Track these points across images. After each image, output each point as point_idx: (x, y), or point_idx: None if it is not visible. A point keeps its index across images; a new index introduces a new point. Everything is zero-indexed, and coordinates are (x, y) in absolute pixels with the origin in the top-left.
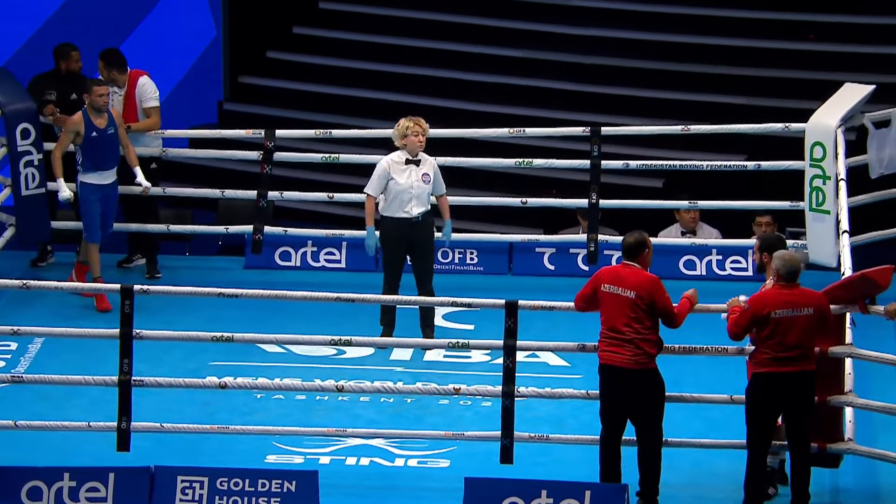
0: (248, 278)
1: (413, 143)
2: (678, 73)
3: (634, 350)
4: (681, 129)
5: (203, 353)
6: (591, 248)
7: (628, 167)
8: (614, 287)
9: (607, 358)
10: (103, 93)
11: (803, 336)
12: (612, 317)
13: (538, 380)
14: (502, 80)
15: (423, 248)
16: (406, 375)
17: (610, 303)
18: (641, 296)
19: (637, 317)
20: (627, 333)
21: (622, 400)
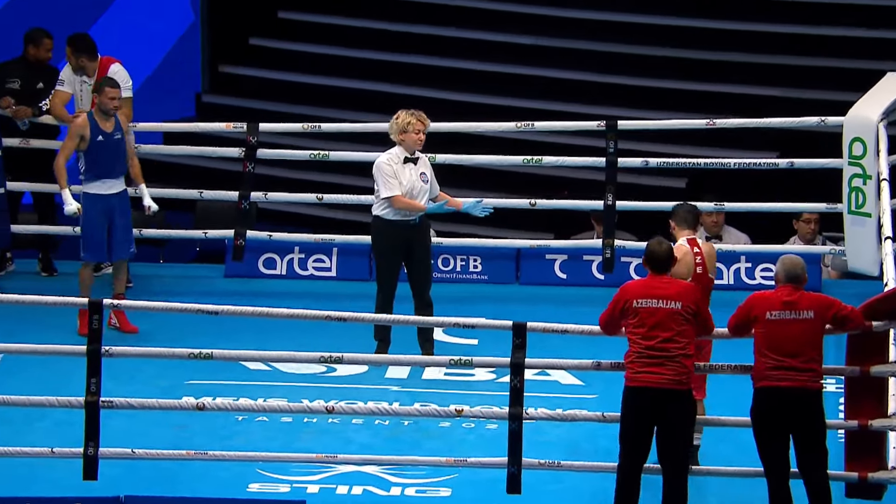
0: (228, 288)
1: (413, 140)
2: (702, 61)
3: (678, 368)
4: (706, 123)
5: (179, 371)
6: (607, 254)
7: (648, 165)
8: (652, 300)
9: (644, 380)
10: (115, 95)
11: (804, 345)
12: (651, 333)
13: (549, 400)
14: (508, 70)
15: (421, 255)
16: (403, 395)
17: (648, 318)
18: (688, 305)
19: (683, 330)
20: (672, 350)
21: (656, 424)
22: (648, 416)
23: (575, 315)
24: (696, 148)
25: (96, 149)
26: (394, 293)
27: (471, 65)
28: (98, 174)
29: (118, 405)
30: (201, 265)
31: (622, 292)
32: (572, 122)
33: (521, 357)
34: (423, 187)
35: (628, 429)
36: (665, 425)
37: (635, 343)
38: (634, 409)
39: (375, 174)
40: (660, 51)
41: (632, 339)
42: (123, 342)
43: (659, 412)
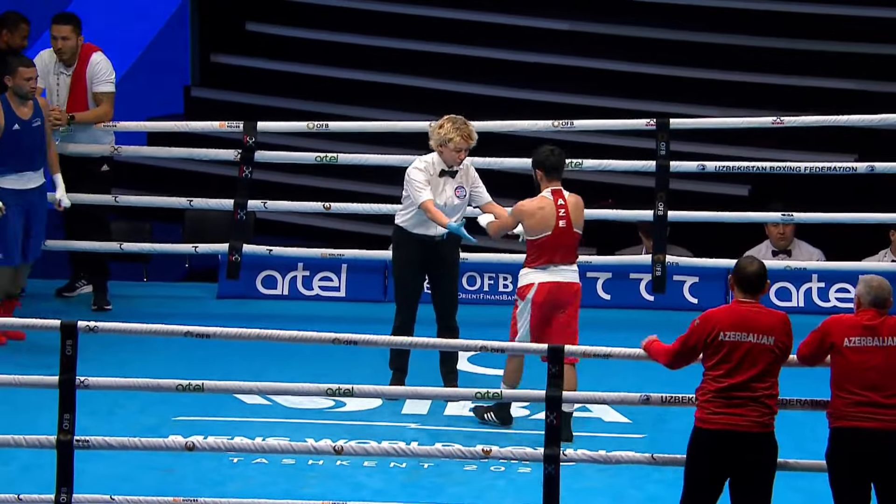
0: (222, 310)
1: (451, 158)
2: (769, 49)
3: (761, 410)
4: (772, 121)
5: (165, 406)
6: (658, 272)
7: (704, 170)
8: (742, 334)
9: (722, 422)
10: (31, 76)
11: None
12: (735, 370)
13: (590, 440)
14: (543, 60)
15: (447, 273)
16: (422, 434)
17: (734, 352)
18: (781, 340)
19: (772, 370)
20: (758, 390)
21: (734, 471)
22: (724, 463)
23: (620, 342)
24: (760, 150)
25: (12, 138)
26: (414, 316)
27: (499, 54)
28: (14, 167)
29: (95, 445)
30: (191, 284)
31: (707, 321)
32: (618, 121)
33: (558, 389)
34: (457, 205)
35: (698, 477)
36: (744, 474)
37: (715, 380)
38: (709, 455)
39: (406, 181)
40: (718, 37)
41: (711, 374)
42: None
43: (737, 459)
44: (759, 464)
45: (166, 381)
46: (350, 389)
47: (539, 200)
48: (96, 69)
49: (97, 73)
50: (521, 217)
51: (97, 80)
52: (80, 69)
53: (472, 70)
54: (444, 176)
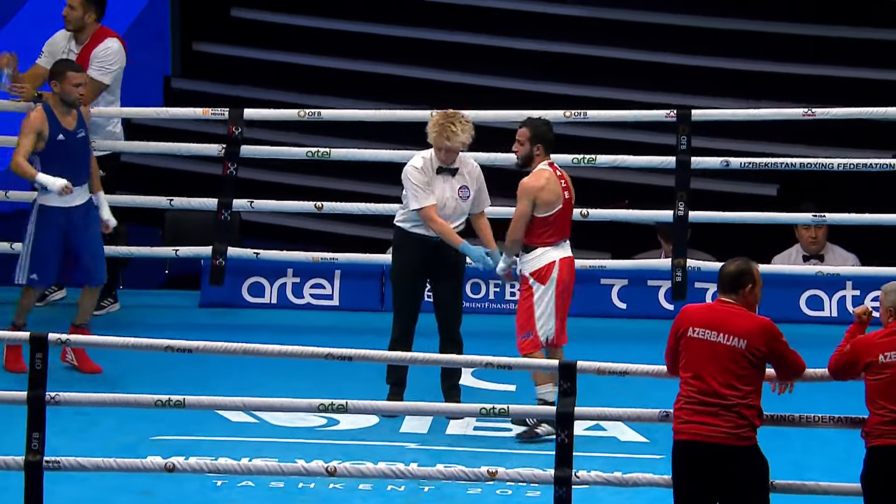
0: (204, 320)
1: (442, 159)
2: (798, 37)
3: (736, 420)
4: (803, 113)
5: (143, 424)
6: (678, 277)
7: (728, 167)
8: (709, 332)
9: (693, 431)
10: (80, 81)
11: None
12: (703, 373)
13: (604, 460)
14: (554, 49)
15: (449, 279)
16: (422, 454)
17: (701, 353)
18: (757, 346)
19: (744, 374)
20: (729, 397)
21: (713, 489)
22: (704, 479)
23: (637, 354)
24: (789, 146)
25: (56, 150)
26: (413, 325)
27: (506, 42)
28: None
29: (67, 466)
30: (171, 291)
31: (681, 316)
32: (634, 111)
33: (569, 405)
34: (459, 206)
35: (682, 496)
36: (727, 493)
37: (686, 383)
38: (686, 469)
39: (404, 182)
40: (744, 24)
41: (682, 377)
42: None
43: (715, 475)
44: (740, 481)
45: (144, 396)
46: (344, 405)
47: (541, 174)
48: (100, 54)
49: (98, 57)
50: (534, 195)
51: (95, 63)
52: (87, 50)
53: (477, 59)
54: (443, 174)
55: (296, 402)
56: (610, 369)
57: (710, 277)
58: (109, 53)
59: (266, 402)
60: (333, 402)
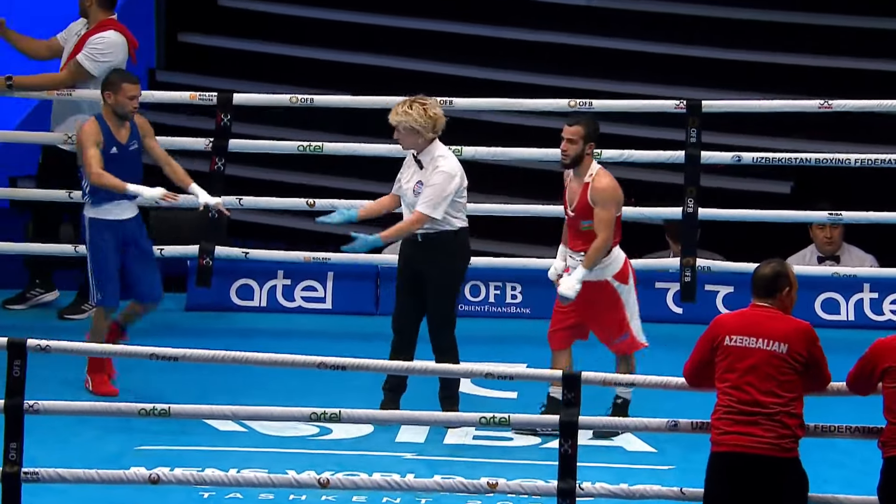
0: (191, 324)
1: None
2: (814, 27)
3: (780, 430)
4: (819, 105)
5: (126, 434)
6: (687, 278)
7: (740, 162)
8: (747, 338)
9: (734, 442)
10: (135, 93)
11: None
12: (742, 381)
13: (610, 471)
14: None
15: (426, 284)
16: (419, 465)
17: (740, 361)
18: (798, 352)
19: (786, 381)
20: (770, 405)
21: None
22: (742, 493)
23: (645, 360)
24: (804, 140)
25: (109, 163)
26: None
27: (506, 33)
28: (111, 195)
29: (46, 478)
30: None
31: (714, 326)
32: (643, 101)
33: (573, 415)
34: (411, 202)
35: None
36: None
37: (724, 393)
38: (725, 483)
39: None
40: (756, 14)
41: (720, 388)
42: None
43: (754, 488)
44: (779, 495)
45: (128, 404)
46: (337, 414)
47: (606, 173)
48: (94, 41)
49: (91, 44)
50: (618, 197)
51: (86, 49)
52: (86, 37)
53: (474, 50)
54: (415, 163)
55: (287, 411)
56: (616, 380)
57: (721, 279)
58: (103, 43)
59: (255, 411)
60: (326, 411)
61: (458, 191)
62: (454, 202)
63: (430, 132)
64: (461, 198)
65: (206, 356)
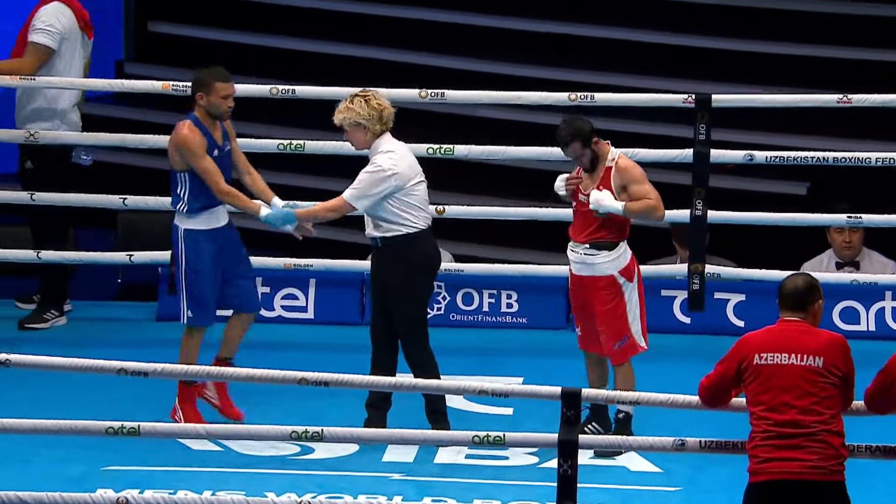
0: (162, 335)
1: None
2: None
3: (825, 450)
4: (837, 100)
5: (93, 453)
6: (695, 285)
7: (752, 161)
8: (780, 355)
9: (773, 470)
10: (229, 93)
11: None
12: (778, 402)
13: (613, 493)
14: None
15: (386, 293)
16: (408, 486)
17: (773, 380)
18: (836, 364)
19: (826, 397)
20: (812, 424)
21: None
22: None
23: (649, 374)
24: (822, 138)
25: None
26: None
27: (501, 22)
28: (206, 202)
29: (6, 501)
30: (124, 304)
31: (741, 344)
32: (648, 95)
33: (573, 434)
34: None
35: None
36: None
37: (758, 418)
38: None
39: None
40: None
41: (754, 411)
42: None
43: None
44: None
45: (94, 422)
46: (319, 432)
47: (626, 159)
48: (37, 16)
49: (35, 20)
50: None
51: (31, 30)
52: (30, 19)
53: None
54: None
55: (265, 429)
56: (619, 398)
57: (732, 287)
58: (45, 13)
59: (232, 429)
60: (307, 429)
61: (406, 190)
62: (409, 203)
63: (377, 124)
64: (413, 196)
65: (178, 371)
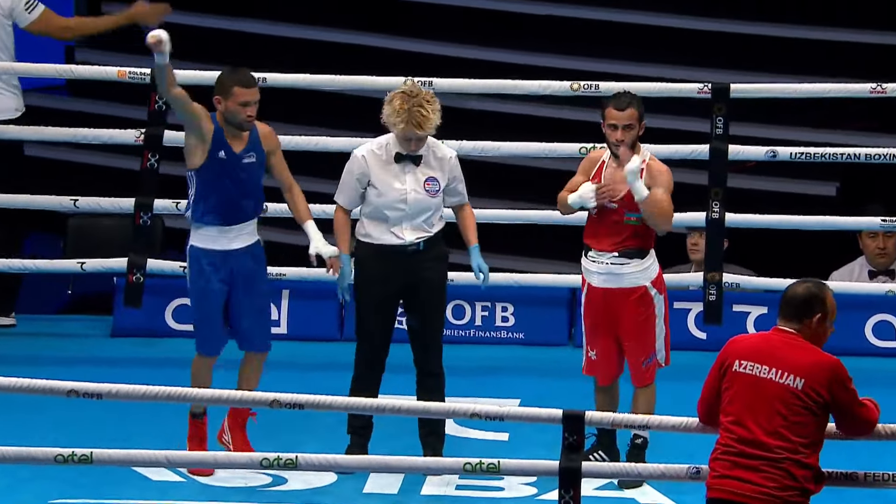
0: (118, 353)
1: (404, 146)
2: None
3: (784, 480)
4: (870, 89)
5: (40, 484)
6: (712, 296)
7: (775, 158)
8: (757, 365)
9: (727, 488)
10: (249, 99)
11: None
12: (746, 417)
13: None
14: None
15: (425, 299)
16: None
17: (745, 392)
18: (815, 388)
19: (797, 423)
20: (775, 449)
21: None
22: None
23: (660, 394)
24: (853, 132)
25: (215, 171)
26: (380, 357)
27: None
28: (215, 215)
29: None
30: (76, 317)
31: (726, 347)
32: (659, 84)
33: (576, 461)
34: (422, 200)
35: None
36: None
37: (724, 430)
38: None
39: None
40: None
41: (722, 422)
42: None
43: None
44: None
45: (42, 449)
46: (293, 460)
47: (655, 160)
48: None
49: None
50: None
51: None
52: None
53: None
54: (404, 162)
55: (233, 456)
56: (626, 422)
57: (752, 298)
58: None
59: (195, 456)
60: (280, 456)
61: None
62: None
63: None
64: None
65: (135, 393)
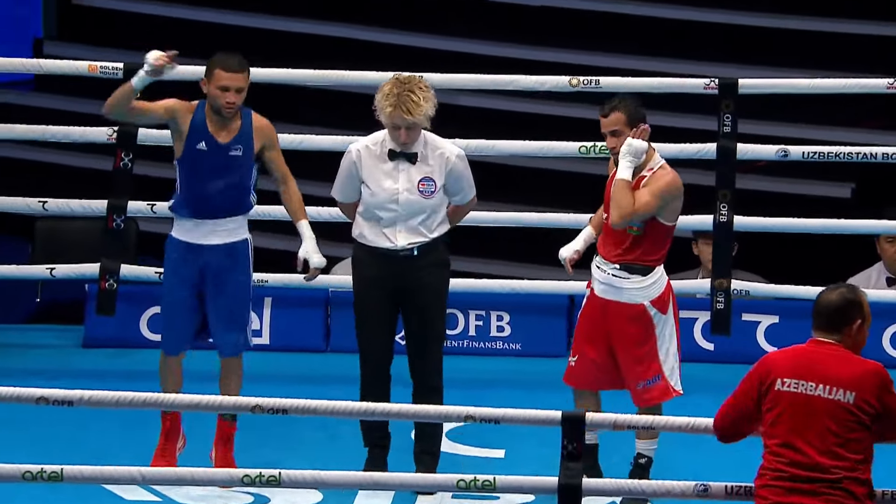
0: (90, 365)
1: (393, 136)
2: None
3: (845, 499)
4: (887, 85)
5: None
6: (720, 304)
7: (786, 157)
8: (806, 383)
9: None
10: (229, 84)
11: None
12: (797, 438)
13: None
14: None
15: (422, 305)
16: None
17: (794, 412)
18: (866, 399)
19: (852, 438)
20: (833, 469)
21: None
22: None
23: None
24: (868, 131)
25: (192, 161)
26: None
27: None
28: (191, 207)
29: None
30: (44, 326)
31: (763, 365)
32: (663, 79)
33: (575, 474)
34: (414, 202)
35: None
36: None
37: (772, 453)
38: None
39: None
40: None
41: (767, 444)
42: None
43: None
44: None
45: (9, 466)
46: (276, 477)
47: (665, 171)
48: None
49: None
50: (675, 196)
51: None
52: None
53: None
54: (398, 159)
55: (212, 472)
56: (629, 423)
57: (762, 307)
58: None
59: (171, 473)
60: (262, 473)
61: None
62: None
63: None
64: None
65: (108, 399)
